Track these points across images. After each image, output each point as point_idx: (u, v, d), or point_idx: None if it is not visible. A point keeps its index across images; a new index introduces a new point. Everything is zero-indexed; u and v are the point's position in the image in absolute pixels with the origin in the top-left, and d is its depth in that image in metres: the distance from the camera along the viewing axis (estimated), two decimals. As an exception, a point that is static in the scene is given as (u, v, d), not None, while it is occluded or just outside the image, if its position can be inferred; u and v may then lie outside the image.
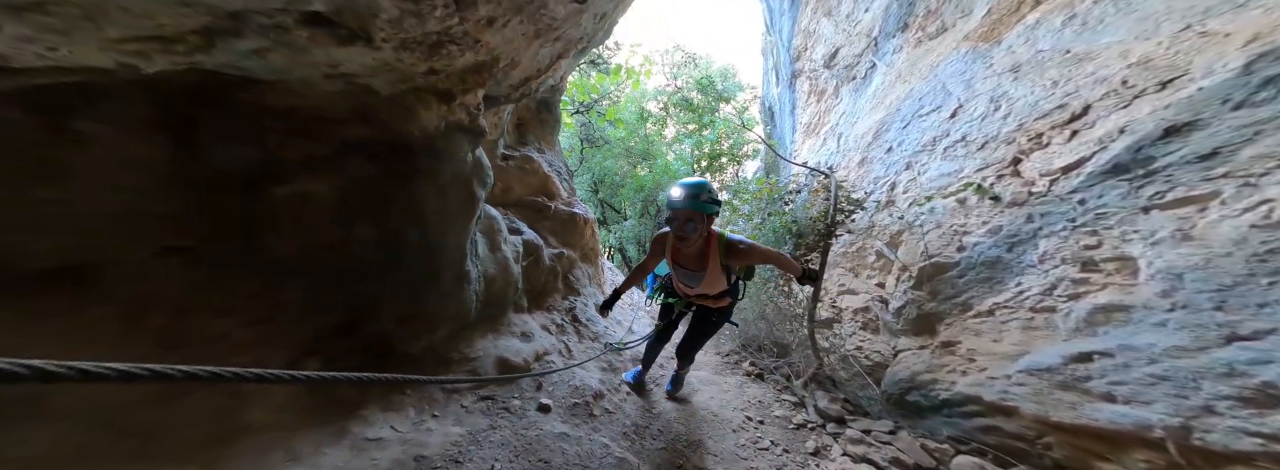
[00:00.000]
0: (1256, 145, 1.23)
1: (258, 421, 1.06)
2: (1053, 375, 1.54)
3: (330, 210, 1.21)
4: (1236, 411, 1.05)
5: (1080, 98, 1.94)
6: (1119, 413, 1.29)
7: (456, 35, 1.08)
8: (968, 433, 1.84)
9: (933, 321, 2.35)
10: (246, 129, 1.04)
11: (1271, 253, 1.10)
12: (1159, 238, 1.38)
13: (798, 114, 6.53)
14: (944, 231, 2.49)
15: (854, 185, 3.70)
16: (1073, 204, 1.76)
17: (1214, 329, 1.15)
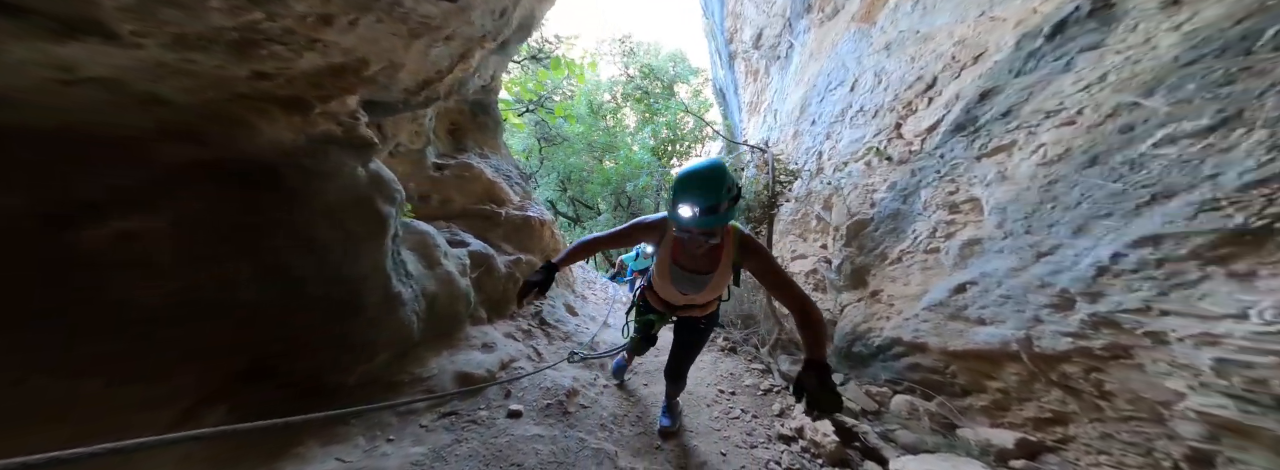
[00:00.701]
0: (1031, 103, 1.56)
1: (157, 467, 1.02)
2: (944, 308, 1.84)
3: (174, 250, 1.06)
4: (1051, 317, 1.35)
5: (930, 71, 2.29)
6: (989, 334, 1.59)
7: (274, 33, 0.91)
8: (900, 373, 2.14)
9: (863, 274, 2.65)
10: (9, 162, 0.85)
11: (1051, 183, 1.42)
12: (989, 180, 1.70)
13: (741, 94, 6.87)
14: (860, 191, 2.81)
15: (790, 157, 4.02)
16: (937, 158, 2.09)
17: (1028, 250, 1.46)
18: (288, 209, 1.29)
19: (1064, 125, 1.42)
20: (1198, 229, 0.98)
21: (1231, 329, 0.90)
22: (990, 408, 1.66)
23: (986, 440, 1.51)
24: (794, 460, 1.78)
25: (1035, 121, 1.54)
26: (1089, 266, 1.21)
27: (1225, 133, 0.97)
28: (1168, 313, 1.02)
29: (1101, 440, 1.25)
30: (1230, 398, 0.91)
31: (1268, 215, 0.88)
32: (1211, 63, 1.03)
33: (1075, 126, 1.38)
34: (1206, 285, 0.95)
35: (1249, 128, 0.93)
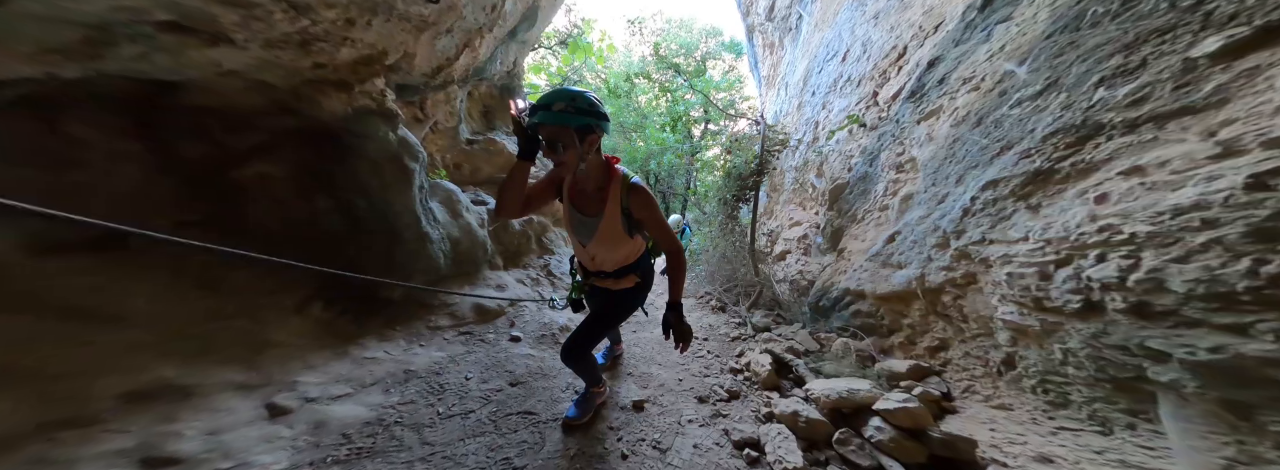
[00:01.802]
0: (958, 70, 1.75)
1: (278, 340, 1.61)
2: (878, 257, 2.14)
3: (289, 186, 1.67)
4: (938, 255, 1.64)
5: (903, 40, 2.42)
6: (900, 276, 1.89)
7: (319, 34, 1.31)
8: (846, 321, 2.48)
9: (839, 236, 2.94)
10: (197, 128, 1.49)
11: (953, 142, 1.66)
12: (922, 141, 1.93)
13: (760, 68, 6.88)
14: (841, 157, 3.03)
15: (794, 129, 4.19)
16: (894, 122, 2.29)
17: (934, 199, 1.72)
18: (346, 161, 1.90)
19: (972, 91, 1.63)
20: (1016, 172, 1.25)
21: (1018, 249, 1.19)
22: (904, 343, 1.99)
23: (890, 369, 1.85)
24: (735, 384, 2.22)
25: (957, 87, 1.75)
26: (958, 209, 1.49)
27: (1047, 95, 1.21)
28: (994, 242, 1.31)
29: (964, 358, 1.57)
30: (1015, 304, 1.22)
31: (1053, 158, 1.14)
32: (1058, 36, 1.25)
33: (978, 92, 1.59)
34: (1016, 217, 1.24)
35: (1058, 91, 1.17)
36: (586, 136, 1.01)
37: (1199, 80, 0.86)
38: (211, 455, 1.15)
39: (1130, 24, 1.03)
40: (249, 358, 1.54)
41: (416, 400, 1.67)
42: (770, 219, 4.76)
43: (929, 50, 2.11)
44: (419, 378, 1.85)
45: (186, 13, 1.07)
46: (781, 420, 1.59)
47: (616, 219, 1.13)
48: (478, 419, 1.58)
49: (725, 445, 1.56)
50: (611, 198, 1.11)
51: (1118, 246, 0.91)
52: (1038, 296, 1.11)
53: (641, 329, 3.11)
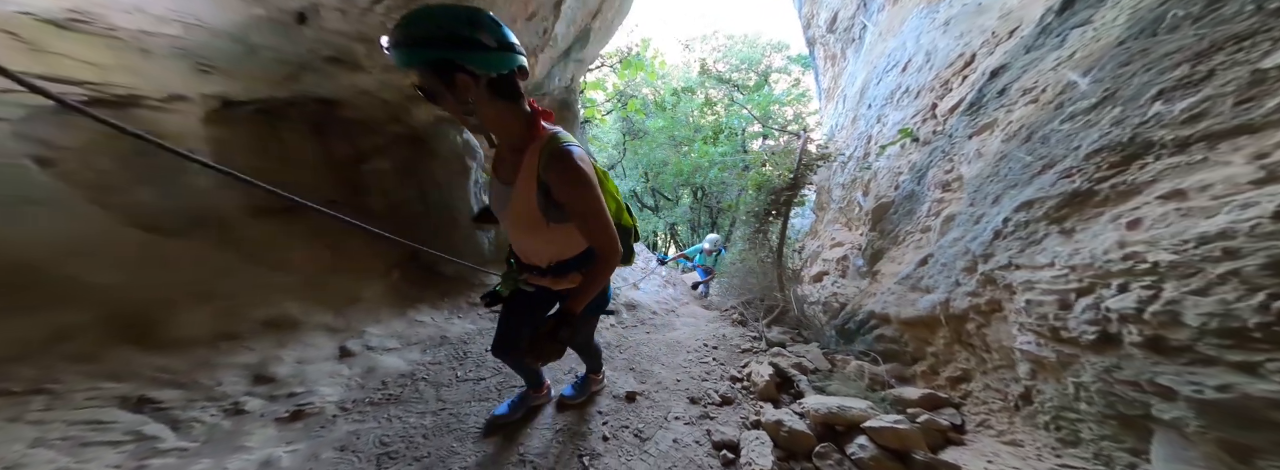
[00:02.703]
0: (1022, 80, 1.64)
1: (363, 297, 2.03)
2: (908, 281, 2.03)
3: (394, 178, 2.28)
4: (965, 280, 1.55)
5: (972, 47, 2.28)
6: (926, 301, 1.79)
7: None
8: (869, 345, 2.36)
9: (878, 258, 2.81)
10: (343, 133, 2.10)
11: (1000, 159, 1.55)
12: (971, 157, 1.81)
13: (820, 80, 6.70)
14: (889, 174, 2.90)
15: (847, 143, 4.03)
16: (947, 137, 2.16)
17: (971, 220, 1.63)
18: (427, 159, 2.40)
19: (1031, 103, 1.53)
20: (1053, 193, 1.17)
21: (1042, 276, 1.12)
22: (927, 372, 1.86)
23: (900, 395, 1.75)
24: (731, 391, 2.22)
25: (1016, 99, 1.64)
26: (989, 231, 1.41)
27: (1101, 109, 1.13)
28: (1020, 267, 1.23)
29: (984, 391, 1.46)
30: (1033, 334, 1.14)
31: (1094, 179, 1.06)
32: (1130, 43, 1.15)
33: (1036, 104, 1.49)
34: (1047, 242, 1.16)
35: (1113, 104, 1.09)
36: (453, 76, 0.68)
37: (1263, 95, 0.78)
38: (293, 380, 1.49)
39: (1209, 29, 0.94)
40: (341, 307, 1.95)
41: (443, 362, 1.95)
42: (813, 239, 4.58)
43: (997, 58, 1.97)
44: (450, 344, 2.15)
45: (340, 49, 1.54)
46: (764, 428, 1.60)
47: (530, 193, 0.83)
48: (486, 386, 1.81)
49: (704, 444, 1.60)
50: (526, 164, 0.81)
51: (1140, 276, 0.84)
52: (1055, 326, 1.03)
53: (656, 331, 3.20)
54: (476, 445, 1.39)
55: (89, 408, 1.13)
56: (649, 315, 3.56)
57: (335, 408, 1.44)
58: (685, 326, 3.57)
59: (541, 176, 0.80)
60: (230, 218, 1.63)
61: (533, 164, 0.80)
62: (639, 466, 1.44)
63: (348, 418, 1.41)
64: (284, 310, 1.69)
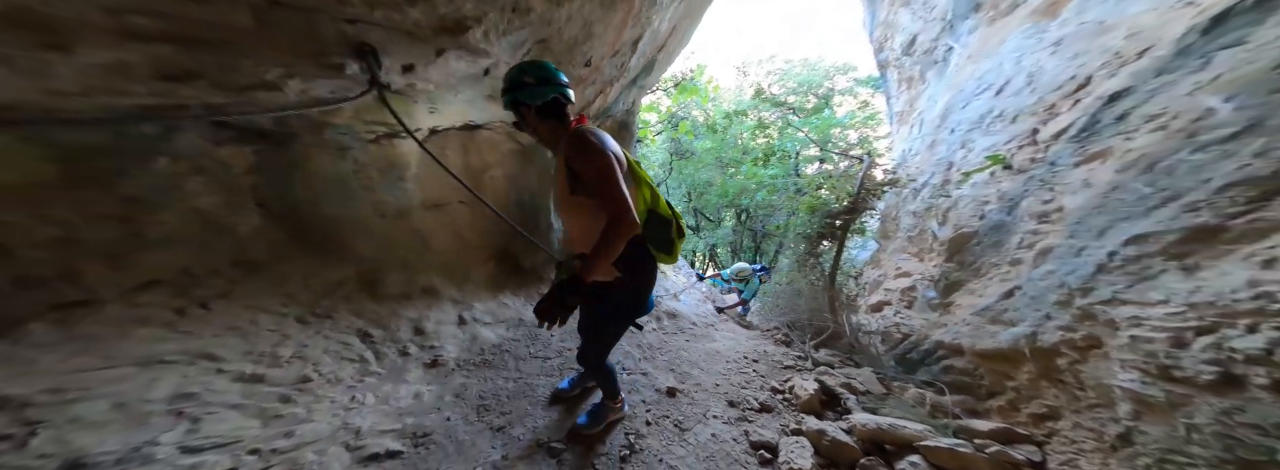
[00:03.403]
0: (1147, 106, 1.54)
1: (473, 278, 2.52)
2: (987, 312, 1.93)
3: (504, 184, 2.78)
4: (1057, 313, 1.47)
5: (1088, 69, 2.14)
6: (1008, 334, 1.70)
7: None
8: (935, 375, 2.24)
9: (954, 289, 2.67)
10: (477, 147, 2.58)
11: (1113, 190, 1.46)
12: (1076, 188, 1.71)
13: (892, 103, 6.43)
14: (973, 203, 2.75)
15: (922, 169, 3.83)
16: (1048, 165, 2.03)
17: (1069, 252, 1.54)
18: (529, 166, 2.85)
19: (1156, 131, 1.44)
20: (1173, 227, 1.11)
21: (1153, 312, 1.06)
22: (1005, 408, 1.75)
23: (969, 426, 1.66)
24: (771, 400, 2.20)
25: (1137, 126, 1.54)
26: (1091, 265, 1.34)
27: (1241, 139, 1.06)
28: (1126, 302, 1.16)
29: (1074, 430, 1.36)
30: (1138, 371, 1.07)
31: (1225, 214, 1.00)
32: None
33: (1163, 132, 1.40)
34: (1163, 278, 1.09)
35: (1257, 135, 1.03)
36: (517, 108, 1.01)
37: None
38: (433, 336, 1.86)
39: None
40: (460, 284, 2.36)
41: (521, 340, 2.25)
42: (874, 268, 4.35)
43: (1119, 81, 1.84)
44: (526, 326, 2.47)
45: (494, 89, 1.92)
46: (805, 435, 1.60)
47: (562, 177, 0.97)
48: (552, 365, 2.04)
49: (741, 442, 1.65)
50: (559, 152, 1.01)
51: (1272, 317, 0.79)
52: (1166, 365, 0.97)
53: (695, 340, 3.26)
54: (544, 411, 1.61)
55: (345, 334, 1.56)
56: (688, 325, 3.62)
57: (454, 362, 1.77)
58: (724, 339, 3.58)
59: (566, 158, 0.95)
60: (415, 210, 2.16)
61: (563, 150, 0.99)
62: (678, 451, 1.54)
63: (460, 372, 1.73)
64: (432, 282, 2.13)
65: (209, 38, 0.86)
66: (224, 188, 1.41)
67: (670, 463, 1.45)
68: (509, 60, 1.67)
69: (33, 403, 0.89)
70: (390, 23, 1.06)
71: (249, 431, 1.08)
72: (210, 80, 0.97)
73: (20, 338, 0.95)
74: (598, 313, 1.18)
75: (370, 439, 1.24)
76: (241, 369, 1.21)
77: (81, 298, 1.07)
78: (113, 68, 0.83)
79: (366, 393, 1.39)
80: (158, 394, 1.03)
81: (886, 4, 5.73)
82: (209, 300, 1.29)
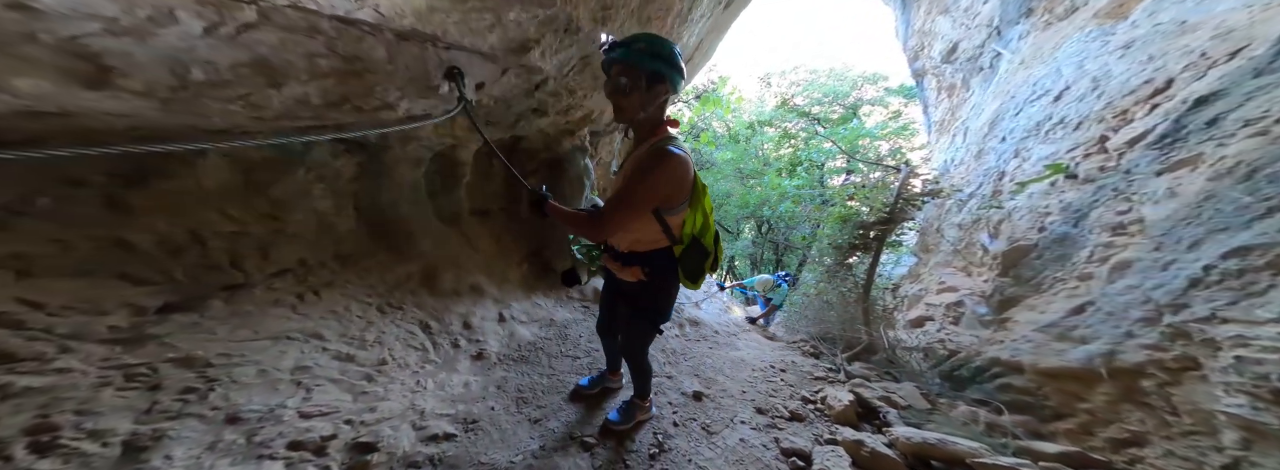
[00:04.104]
0: (1242, 109, 1.43)
1: (510, 278, 2.68)
2: (1052, 329, 1.81)
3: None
4: (1141, 330, 1.36)
5: (1167, 71, 2.02)
6: (1080, 352, 1.59)
7: (573, 104, 2.49)
8: (989, 394, 2.10)
9: (1010, 305, 2.53)
10: (517, 158, 2.74)
11: (1205, 199, 1.36)
12: (1159, 197, 1.59)
13: (930, 112, 6.21)
14: (1031, 215, 2.61)
15: (967, 180, 3.66)
16: (1122, 174, 1.90)
17: (1155, 266, 1.43)
18: (560, 178, 3.00)
19: (1256, 135, 1.33)
20: (1285, 238, 1.01)
21: (1263, 332, 0.96)
22: (1076, 431, 1.62)
23: (1032, 448, 1.54)
24: (802, 409, 2.11)
25: (1232, 131, 1.43)
26: (1183, 279, 1.24)
27: (1367, 145, 0.97)
28: (1228, 321, 1.07)
29: (1164, 458, 1.24)
30: (1246, 396, 0.97)
31: (1351, 225, 0.90)
32: None
33: (1264, 137, 1.29)
34: (1271, 294, 1.00)
35: (1388, 140, 0.93)
36: (655, 85, 0.93)
37: None
38: (479, 330, 1.97)
39: None
40: (499, 284, 2.49)
41: (553, 338, 2.32)
42: (913, 282, 4.15)
43: (1208, 83, 1.70)
44: (557, 326, 2.54)
45: (541, 103, 2.08)
46: (842, 445, 1.53)
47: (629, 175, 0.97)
48: (582, 364, 2.09)
49: (772, 448, 1.60)
50: (637, 155, 0.98)
51: None
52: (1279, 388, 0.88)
53: (718, 347, 3.20)
54: (573, 407, 1.64)
55: (411, 324, 1.69)
56: (711, 333, 3.57)
57: (495, 356, 1.86)
58: (748, 348, 3.50)
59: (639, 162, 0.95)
60: (464, 215, 2.41)
61: (641, 154, 0.97)
62: (707, 452, 1.52)
63: (501, 366, 1.81)
64: (477, 280, 2.28)
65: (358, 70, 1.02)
66: (335, 193, 1.64)
67: (699, 463, 1.44)
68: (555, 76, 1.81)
69: (212, 364, 1.08)
70: (475, 48, 1.20)
71: (345, 404, 1.20)
72: (353, 104, 1.13)
73: (204, 311, 1.15)
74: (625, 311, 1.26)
75: (431, 421, 1.32)
76: (339, 349, 1.36)
77: (242, 281, 1.28)
78: (299, 99, 1.01)
79: (427, 379, 1.49)
80: (284, 365, 1.19)
81: (922, 12, 5.58)
82: (319, 288, 1.48)
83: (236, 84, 0.88)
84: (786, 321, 4.61)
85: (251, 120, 1.05)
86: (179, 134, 1.03)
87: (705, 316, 3.89)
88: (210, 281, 1.20)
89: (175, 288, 1.11)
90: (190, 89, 0.84)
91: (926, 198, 3.31)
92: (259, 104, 0.97)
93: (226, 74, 0.84)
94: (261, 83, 0.91)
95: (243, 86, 0.90)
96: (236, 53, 0.81)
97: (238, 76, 0.86)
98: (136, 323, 1.02)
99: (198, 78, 0.81)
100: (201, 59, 0.79)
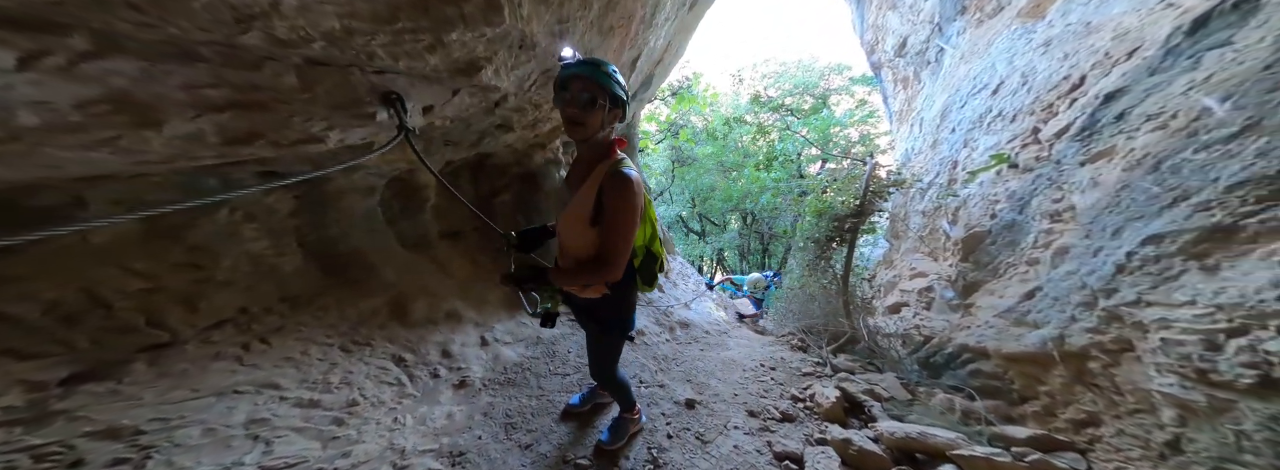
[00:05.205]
0: (1144, 105, 1.56)
1: (490, 300, 2.62)
2: (1011, 314, 1.91)
3: (513, 207, 2.87)
4: (1079, 314, 1.45)
5: (1080, 68, 2.16)
6: (1035, 336, 1.68)
7: (541, 118, 2.42)
8: (961, 380, 2.19)
9: (973, 289, 2.64)
10: (487, 176, 2.66)
11: (1122, 189, 1.47)
12: (1084, 186, 1.71)
13: (889, 103, 6.49)
14: (983, 202, 2.74)
15: (926, 168, 3.83)
16: (1054, 164, 2.03)
17: (1087, 252, 1.53)
18: (535, 193, 2.95)
19: (1156, 130, 1.45)
20: (1188, 226, 1.11)
21: (1181, 314, 1.05)
22: (1041, 414, 1.71)
23: (1005, 433, 1.62)
24: (792, 409, 2.16)
25: (1137, 125, 1.55)
26: (1110, 265, 1.33)
27: (1242, 139, 1.07)
28: (1152, 304, 1.15)
29: (1118, 437, 1.32)
30: (1175, 375, 1.05)
31: (1237, 213, 1.00)
32: (1279, 67, 1.09)
33: (1163, 131, 1.41)
34: (1185, 278, 1.09)
35: (1257, 134, 1.04)
36: (615, 107, 0.98)
37: None
38: (460, 358, 1.91)
39: None
40: (479, 307, 2.44)
41: (540, 357, 2.27)
42: (887, 269, 4.30)
43: (1114, 81, 1.85)
44: (545, 344, 2.49)
45: (505, 118, 2.00)
46: (831, 444, 1.57)
47: (589, 198, 0.99)
48: (571, 380, 2.06)
49: (765, 453, 1.63)
50: (594, 175, 1.00)
51: (1305, 316, 0.79)
52: (1202, 368, 0.96)
53: (710, 349, 3.23)
54: (565, 427, 1.63)
55: (382, 359, 1.62)
56: (702, 334, 3.59)
57: (480, 382, 1.80)
58: (738, 347, 3.54)
59: (602, 185, 0.98)
60: (433, 240, 2.30)
61: (599, 176, 0.99)
62: (701, 464, 1.54)
63: (487, 391, 1.75)
64: (454, 306, 2.19)
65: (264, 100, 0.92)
66: (272, 231, 1.51)
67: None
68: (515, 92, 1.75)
69: (143, 431, 1.00)
70: (412, 71, 1.12)
71: (313, 452, 1.15)
72: (267, 139, 1.03)
73: (123, 376, 1.07)
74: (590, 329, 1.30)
75: (413, 459, 1.29)
76: (300, 395, 1.30)
77: (167, 340, 1.18)
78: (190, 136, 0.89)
79: (406, 414, 1.45)
80: (236, 420, 1.13)
81: (873, 7, 5.85)
82: (267, 335, 1.40)
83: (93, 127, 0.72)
84: (773, 315, 4.68)
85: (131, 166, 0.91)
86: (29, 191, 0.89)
87: (695, 317, 3.89)
88: (124, 345, 1.10)
89: (77, 357, 1.02)
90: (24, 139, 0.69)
91: (891, 188, 3.45)
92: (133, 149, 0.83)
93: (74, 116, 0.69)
94: (128, 122, 0.76)
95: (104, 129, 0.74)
96: (80, 89, 0.66)
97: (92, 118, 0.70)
98: (36, 400, 0.94)
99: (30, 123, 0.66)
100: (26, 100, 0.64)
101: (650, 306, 4.00)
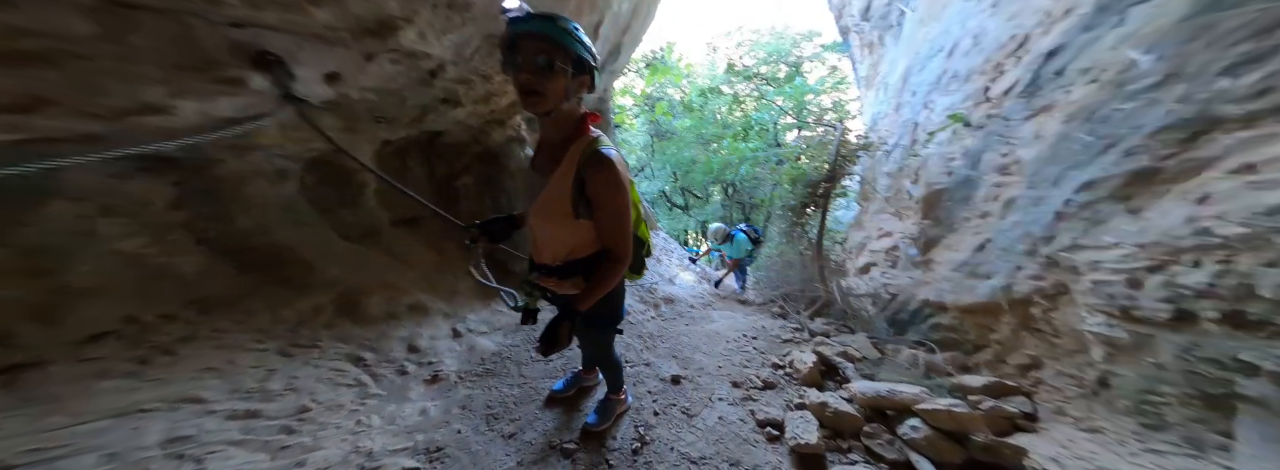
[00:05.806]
0: (1079, 61, 1.59)
1: (460, 289, 2.49)
2: (965, 267, 2.00)
3: (475, 189, 2.66)
4: (1024, 263, 1.53)
5: (1024, 27, 2.17)
6: (985, 286, 1.76)
7: (494, 92, 2.10)
8: (925, 334, 2.31)
9: (932, 245, 2.73)
10: (441, 156, 2.49)
11: (1061, 140, 1.52)
12: (1029, 140, 1.76)
13: (857, 68, 6.48)
14: (940, 160, 2.81)
15: (891, 131, 3.89)
16: (1002, 120, 2.08)
17: (1031, 203, 1.59)
18: (499, 174, 2.75)
19: (1090, 83, 1.49)
20: (1116, 172, 1.16)
21: (1109, 256, 1.11)
22: (992, 361, 1.82)
23: (962, 383, 1.73)
24: (773, 376, 2.23)
25: (1074, 80, 1.59)
26: (1050, 213, 1.39)
27: (1164, 87, 1.11)
28: (1084, 248, 1.21)
29: (1057, 378, 1.43)
30: (1103, 315, 1.12)
31: (1159, 156, 1.04)
32: (1196, 18, 1.12)
33: (1096, 85, 1.45)
34: (1113, 221, 1.14)
35: (1177, 82, 1.07)
36: (580, 73, 0.80)
37: (1342, 66, 0.75)
38: (430, 352, 1.84)
39: (1274, 3, 0.90)
40: (449, 297, 2.32)
41: (520, 345, 2.22)
42: (858, 230, 4.43)
43: (1053, 39, 1.89)
44: (524, 331, 2.44)
45: (449, 91, 1.84)
46: (809, 408, 1.65)
47: (565, 186, 0.86)
48: (555, 366, 2.04)
49: (748, 421, 1.69)
50: (568, 158, 0.86)
51: (1212, 251, 0.84)
52: (1126, 306, 1.02)
53: (694, 323, 3.28)
54: (550, 413, 1.61)
55: (335, 360, 1.53)
56: (686, 308, 3.65)
57: (454, 375, 1.75)
58: (722, 320, 3.61)
59: (580, 171, 0.84)
60: (382, 229, 2.10)
61: (574, 159, 0.84)
62: (688, 437, 1.57)
63: (463, 384, 1.71)
64: (418, 298, 2.07)
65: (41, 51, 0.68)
66: (150, 226, 1.29)
67: (681, 450, 1.48)
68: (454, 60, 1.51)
69: (16, 465, 0.87)
70: (292, 27, 0.88)
71: (259, 465, 1.08)
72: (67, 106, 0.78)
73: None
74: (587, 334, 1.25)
75: (385, 459, 1.24)
76: (232, 407, 1.20)
77: (23, 360, 1.03)
78: None
79: (371, 415, 1.39)
80: (149, 441, 1.02)
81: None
82: (171, 345, 1.26)
83: None
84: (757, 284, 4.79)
85: None
86: None
87: (679, 292, 3.93)
88: (-37, 369, 0.95)
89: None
90: None
91: (860, 152, 3.50)
92: None
93: None
94: None
95: None
96: None
97: None
98: None
99: None
100: None
101: (635, 285, 4.01)
